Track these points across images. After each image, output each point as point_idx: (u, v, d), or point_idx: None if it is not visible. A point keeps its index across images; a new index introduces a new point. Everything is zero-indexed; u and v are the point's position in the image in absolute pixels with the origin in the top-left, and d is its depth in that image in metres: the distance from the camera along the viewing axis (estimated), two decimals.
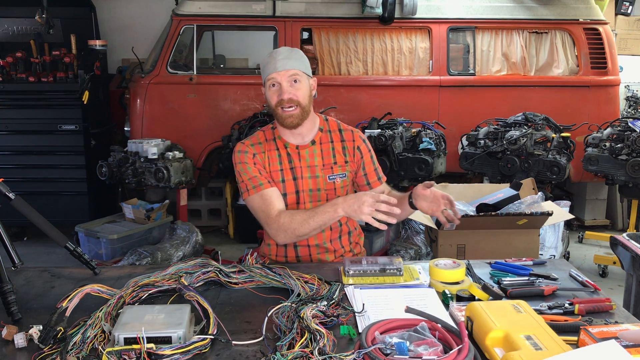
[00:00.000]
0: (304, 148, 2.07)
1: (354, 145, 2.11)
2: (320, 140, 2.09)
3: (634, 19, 5.91)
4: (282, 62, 1.96)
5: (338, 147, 2.10)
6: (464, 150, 4.23)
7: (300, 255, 2.10)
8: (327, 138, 2.10)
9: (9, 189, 1.72)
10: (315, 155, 2.07)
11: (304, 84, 2.00)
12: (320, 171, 2.06)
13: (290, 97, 1.96)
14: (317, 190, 2.06)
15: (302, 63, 2.01)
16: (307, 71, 2.02)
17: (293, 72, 1.97)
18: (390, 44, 4.90)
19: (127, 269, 1.89)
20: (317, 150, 2.07)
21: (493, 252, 2.48)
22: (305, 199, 2.05)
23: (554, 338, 1.21)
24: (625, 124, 3.95)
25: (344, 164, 2.09)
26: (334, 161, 2.08)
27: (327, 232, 2.08)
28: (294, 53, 2.01)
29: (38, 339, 1.32)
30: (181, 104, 4.77)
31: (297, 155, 2.07)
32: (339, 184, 2.07)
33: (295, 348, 1.24)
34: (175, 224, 4.31)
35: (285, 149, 2.07)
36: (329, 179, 2.06)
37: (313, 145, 2.07)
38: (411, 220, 4.20)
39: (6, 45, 5.15)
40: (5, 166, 4.78)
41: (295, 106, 1.97)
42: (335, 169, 2.07)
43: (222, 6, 4.76)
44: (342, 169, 2.08)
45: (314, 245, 2.08)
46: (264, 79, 2.02)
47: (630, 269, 2.20)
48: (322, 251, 2.10)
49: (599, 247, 4.76)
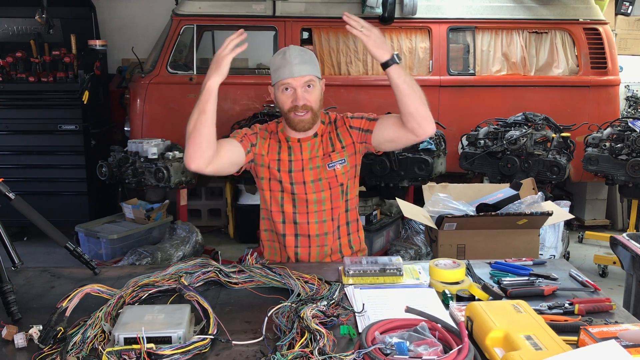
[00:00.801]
0: (305, 140, 2.09)
1: (345, 128, 2.11)
2: (321, 132, 2.11)
3: (634, 19, 5.91)
4: (298, 67, 1.95)
5: (333, 135, 2.11)
6: (464, 150, 4.23)
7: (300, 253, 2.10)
8: (326, 129, 2.13)
9: (9, 189, 1.73)
10: (316, 147, 2.09)
11: (317, 88, 2.01)
12: (320, 161, 2.08)
13: (304, 104, 1.97)
14: (318, 180, 2.08)
15: (315, 66, 2.01)
16: (319, 74, 2.04)
17: (309, 78, 1.97)
18: (390, 44, 4.90)
19: (127, 269, 1.89)
20: (318, 142, 2.10)
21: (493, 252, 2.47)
22: (308, 189, 2.07)
23: (554, 338, 1.21)
24: (625, 124, 3.95)
25: (341, 150, 2.09)
26: (332, 149, 2.10)
27: (329, 223, 2.09)
28: (307, 56, 2.00)
29: (38, 339, 1.32)
30: (181, 104, 4.76)
31: (299, 147, 2.08)
32: (339, 170, 2.09)
33: (295, 348, 1.24)
34: (175, 224, 4.31)
35: (287, 142, 2.09)
36: (328, 167, 2.08)
37: (315, 137, 2.10)
38: (411, 220, 4.20)
39: (6, 45, 5.15)
40: (5, 166, 4.77)
41: (307, 111, 1.99)
42: (334, 156, 2.09)
43: (222, 6, 4.76)
44: (340, 155, 2.09)
45: (314, 236, 2.09)
46: (275, 81, 2.01)
47: (630, 269, 2.20)
48: (321, 243, 2.10)
49: (599, 247, 4.76)
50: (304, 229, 2.08)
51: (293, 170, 2.07)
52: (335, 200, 2.10)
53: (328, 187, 2.08)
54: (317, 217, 2.08)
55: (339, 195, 2.11)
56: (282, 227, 2.10)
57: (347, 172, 2.11)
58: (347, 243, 2.16)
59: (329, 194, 2.09)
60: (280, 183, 2.07)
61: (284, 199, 2.09)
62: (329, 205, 2.09)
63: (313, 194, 2.07)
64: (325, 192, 2.08)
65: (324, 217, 2.09)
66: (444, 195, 2.78)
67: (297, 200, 2.07)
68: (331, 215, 2.10)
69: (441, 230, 2.58)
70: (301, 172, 2.07)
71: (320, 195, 2.08)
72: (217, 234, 5.29)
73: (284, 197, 2.09)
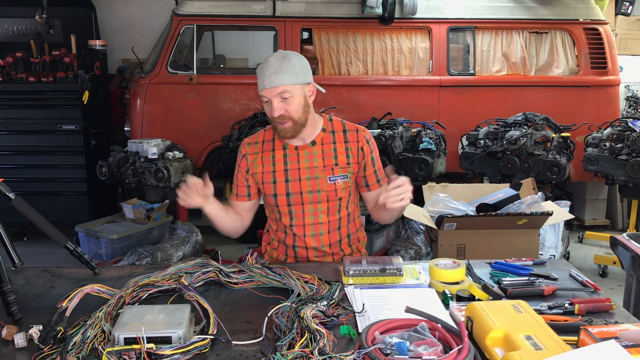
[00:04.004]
0: (303, 149, 2.05)
1: (357, 146, 2.06)
2: (321, 140, 2.05)
3: (634, 19, 5.91)
4: (270, 78, 1.89)
5: (340, 148, 2.05)
6: (464, 150, 4.23)
7: (299, 257, 2.10)
8: (330, 139, 2.06)
9: (9, 189, 1.73)
10: (315, 156, 2.04)
11: (296, 97, 1.93)
12: (320, 172, 2.03)
13: (280, 114, 1.93)
14: (317, 191, 2.03)
15: (292, 74, 1.91)
16: (299, 81, 1.93)
17: (281, 89, 1.90)
18: (390, 44, 4.90)
19: (127, 269, 1.89)
20: (318, 151, 2.04)
21: (493, 252, 2.47)
22: (305, 200, 2.04)
23: (554, 338, 1.21)
24: (625, 124, 3.95)
25: (346, 166, 2.05)
26: (335, 162, 2.04)
27: (326, 236, 2.07)
28: (284, 65, 1.90)
29: (38, 339, 1.32)
30: (181, 104, 4.77)
31: (296, 156, 2.05)
32: (340, 185, 2.04)
33: (295, 348, 1.24)
34: (175, 223, 4.31)
35: (284, 150, 2.05)
36: (329, 180, 2.03)
37: (313, 145, 2.05)
38: (411, 220, 4.20)
39: (6, 45, 5.15)
40: (5, 166, 4.78)
41: (287, 120, 1.94)
42: (337, 170, 2.04)
43: (222, 6, 4.76)
44: (344, 170, 2.04)
45: (312, 248, 2.08)
46: (259, 90, 1.97)
47: (630, 269, 2.20)
48: (319, 255, 2.09)
49: (599, 247, 4.76)
50: (301, 241, 2.07)
51: (290, 180, 2.04)
52: (333, 213, 2.07)
53: (326, 199, 2.04)
54: (314, 230, 2.06)
55: (336, 209, 2.07)
56: (284, 236, 2.12)
57: (349, 187, 2.07)
58: (347, 247, 2.14)
59: (325, 207, 2.05)
60: (275, 197, 2.05)
61: (281, 212, 2.07)
62: (325, 218, 2.06)
63: (310, 204, 2.04)
64: (322, 204, 2.04)
65: (321, 230, 2.07)
66: (444, 195, 2.78)
67: (294, 212, 2.05)
68: (328, 227, 2.07)
69: (441, 230, 2.58)
70: (298, 182, 2.03)
71: (317, 206, 2.04)
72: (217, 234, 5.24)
73: (280, 212, 2.07)
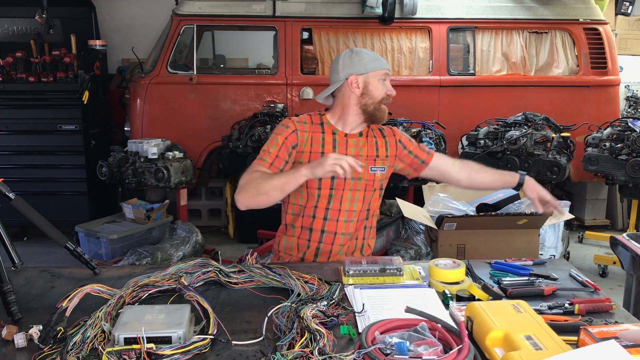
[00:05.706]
0: (352, 137, 2.14)
1: (395, 140, 2.22)
2: (366, 133, 2.17)
3: (634, 19, 5.91)
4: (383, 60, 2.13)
5: (381, 142, 2.19)
6: (464, 150, 4.23)
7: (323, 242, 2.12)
8: (372, 133, 2.20)
9: (9, 189, 1.72)
10: (361, 146, 2.14)
11: None
12: (364, 161, 2.13)
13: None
14: (358, 179, 2.11)
15: None
16: None
17: None
18: (390, 44, 4.90)
19: (127, 269, 1.89)
20: (363, 142, 2.15)
21: (493, 252, 2.47)
22: (347, 186, 2.10)
23: (554, 338, 1.21)
24: (625, 124, 3.95)
25: (385, 158, 2.18)
26: (377, 154, 2.16)
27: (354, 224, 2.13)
28: None
29: (38, 339, 1.32)
30: (181, 104, 4.76)
31: (345, 143, 2.13)
32: (377, 176, 2.15)
33: (295, 348, 1.24)
34: (175, 224, 4.31)
35: (333, 135, 2.12)
36: (370, 170, 2.14)
37: (360, 137, 2.15)
38: (411, 220, 4.20)
39: (6, 45, 5.15)
40: (5, 166, 4.78)
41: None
42: (377, 161, 2.16)
43: (222, 6, 4.76)
44: (383, 163, 2.17)
45: (341, 234, 2.12)
46: (372, 69, 2.07)
47: (630, 269, 2.20)
48: (344, 241, 2.13)
49: (599, 247, 4.76)
50: (332, 226, 2.11)
51: None
52: (366, 202, 2.16)
53: (364, 188, 2.13)
54: (346, 216, 2.13)
55: (369, 199, 2.16)
56: (311, 221, 2.12)
57: (383, 180, 2.20)
58: (361, 247, 2.20)
59: (362, 195, 2.14)
60: (320, 179, 2.07)
61: (320, 196, 2.10)
62: (359, 206, 2.14)
63: (349, 191, 2.11)
64: (360, 192, 2.13)
65: (352, 217, 2.14)
66: (444, 195, 2.78)
67: (334, 197, 2.10)
68: (357, 216, 2.15)
69: (441, 230, 2.58)
70: None
71: (355, 194, 2.12)
72: (217, 234, 5.29)
73: (320, 194, 2.10)
